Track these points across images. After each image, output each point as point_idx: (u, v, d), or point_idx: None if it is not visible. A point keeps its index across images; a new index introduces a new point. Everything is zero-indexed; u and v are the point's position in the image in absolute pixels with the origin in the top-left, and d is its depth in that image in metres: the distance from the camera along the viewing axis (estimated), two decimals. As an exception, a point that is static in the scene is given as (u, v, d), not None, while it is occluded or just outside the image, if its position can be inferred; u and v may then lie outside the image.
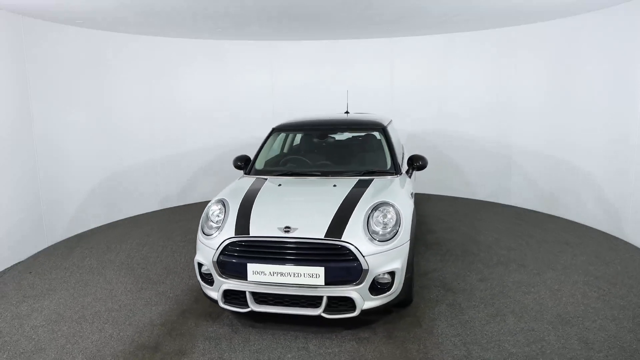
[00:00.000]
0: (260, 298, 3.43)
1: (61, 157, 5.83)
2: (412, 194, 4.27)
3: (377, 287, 3.34)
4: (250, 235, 3.40)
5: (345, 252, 3.27)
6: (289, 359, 3.18)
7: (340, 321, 3.58)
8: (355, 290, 3.26)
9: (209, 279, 3.56)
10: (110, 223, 6.58)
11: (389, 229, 3.43)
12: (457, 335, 3.41)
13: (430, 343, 3.32)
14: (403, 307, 3.80)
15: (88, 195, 6.28)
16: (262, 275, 3.31)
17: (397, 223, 3.47)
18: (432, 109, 7.54)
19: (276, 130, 5.07)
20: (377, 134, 4.92)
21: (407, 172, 4.56)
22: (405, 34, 7.26)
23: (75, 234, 6.08)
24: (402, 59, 7.65)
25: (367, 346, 3.31)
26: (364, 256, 3.24)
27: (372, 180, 4.12)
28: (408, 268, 3.50)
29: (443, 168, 7.46)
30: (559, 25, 6.07)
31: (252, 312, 3.41)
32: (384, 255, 3.30)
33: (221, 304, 3.48)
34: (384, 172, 4.35)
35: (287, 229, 3.36)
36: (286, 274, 3.28)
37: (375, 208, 3.53)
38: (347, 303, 3.31)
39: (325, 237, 3.29)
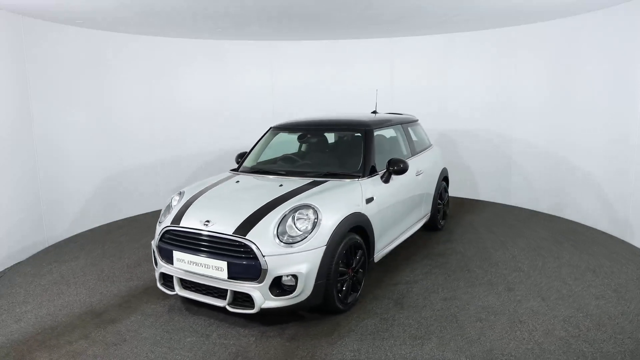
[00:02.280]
0: (185, 284, 3.68)
1: (61, 157, 5.83)
2: (371, 199, 4.07)
3: (281, 288, 3.38)
4: (180, 225, 3.68)
5: (247, 249, 3.36)
6: (187, 342, 3.39)
7: (259, 316, 3.64)
8: (257, 288, 3.35)
9: (156, 262, 3.91)
10: (110, 223, 6.58)
11: (299, 232, 3.44)
12: (354, 351, 3.23)
13: (321, 352, 3.22)
14: (333, 313, 3.71)
15: (88, 195, 6.28)
16: (182, 263, 3.60)
17: (312, 227, 3.46)
18: (432, 109, 7.53)
19: (273, 129, 5.12)
20: (360, 136, 4.63)
21: (382, 176, 4.36)
22: (405, 34, 7.26)
23: (75, 234, 6.08)
24: (402, 59, 7.65)
25: (262, 344, 3.35)
26: (264, 256, 3.32)
27: (325, 182, 4.08)
28: (322, 274, 3.43)
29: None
30: (559, 25, 6.07)
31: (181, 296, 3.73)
32: (286, 258, 3.34)
33: (158, 285, 3.85)
34: (348, 175, 4.20)
35: (207, 222, 3.57)
36: (199, 264, 3.52)
37: (295, 210, 3.54)
38: (250, 299, 3.40)
39: (232, 233, 3.42)
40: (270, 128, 5.17)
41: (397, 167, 4.34)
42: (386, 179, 4.38)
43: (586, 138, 5.86)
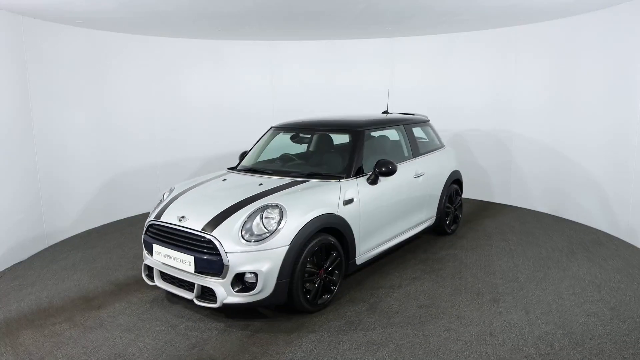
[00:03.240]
0: (164, 276, 3.84)
1: (61, 157, 5.83)
2: (351, 200, 4.02)
3: (243, 285, 3.47)
4: (160, 220, 3.86)
5: (212, 245, 3.47)
6: (154, 331, 3.56)
7: (231, 311, 3.78)
8: (220, 283, 3.45)
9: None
10: (110, 223, 6.58)
11: (263, 231, 3.49)
12: (307, 352, 3.25)
13: (274, 350, 3.27)
14: (302, 313, 3.73)
15: (88, 195, 6.28)
16: (160, 255, 3.79)
17: (276, 226, 3.50)
18: (433, 108, 7.52)
19: (274, 129, 5.14)
20: (352, 137, 4.58)
21: (368, 178, 4.29)
22: (406, 34, 7.26)
23: (76, 234, 6.09)
24: (402, 59, 7.65)
25: (222, 337, 3.45)
26: (226, 252, 3.41)
27: (306, 182, 4.10)
28: (285, 273, 3.47)
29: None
30: (560, 25, 6.07)
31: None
32: (248, 255, 3.41)
33: (143, 275, 4.03)
34: (331, 176, 4.19)
35: (182, 218, 3.72)
36: (172, 258, 3.68)
37: (262, 209, 3.60)
38: (214, 293, 3.50)
39: (200, 229, 3.54)
40: (271, 127, 5.19)
41: (383, 169, 4.24)
42: (372, 181, 4.29)
43: (586, 138, 5.84)
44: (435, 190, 5.33)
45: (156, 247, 3.80)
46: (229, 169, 4.87)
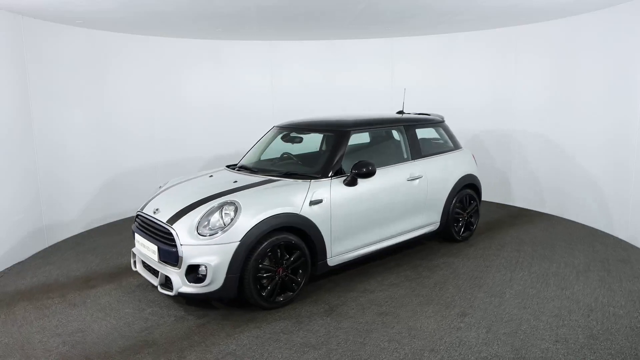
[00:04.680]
0: (145, 263, 4.08)
1: (61, 157, 5.83)
2: (319, 201, 4.03)
3: (196, 276, 3.65)
4: (143, 211, 4.19)
5: (171, 237, 3.72)
6: (123, 313, 3.90)
7: (195, 301, 4.01)
8: (176, 273, 3.68)
9: None
10: (110, 223, 6.58)
11: (216, 226, 3.66)
12: (241, 346, 3.33)
13: (211, 341, 3.42)
14: (259, 309, 3.84)
15: (88, 195, 6.28)
16: (138, 244, 4.15)
17: (230, 222, 3.65)
18: (433, 108, 7.52)
19: (276, 128, 5.16)
20: (335, 137, 4.55)
21: (345, 179, 4.23)
22: (406, 34, 7.26)
23: (76, 234, 6.09)
24: (402, 58, 7.65)
25: (172, 325, 3.68)
26: (181, 244, 3.63)
27: (277, 181, 4.19)
28: (234, 268, 3.60)
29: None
30: (560, 25, 6.07)
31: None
32: (200, 249, 3.61)
33: (131, 262, 4.32)
34: (306, 175, 4.22)
35: (156, 210, 4.01)
36: (145, 247, 4.00)
37: (221, 205, 3.77)
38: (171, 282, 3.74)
39: (165, 221, 3.81)
40: (274, 127, 5.22)
41: (359, 171, 4.18)
42: (349, 182, 4.24)
43: (586, 138, 5.85)
44: (439, 194, 5.09)
45: (137, 236, 4.14)
46: (227, 166, 4.96)
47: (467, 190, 5.40)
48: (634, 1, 5.02)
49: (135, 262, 4.22)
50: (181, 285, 3.65)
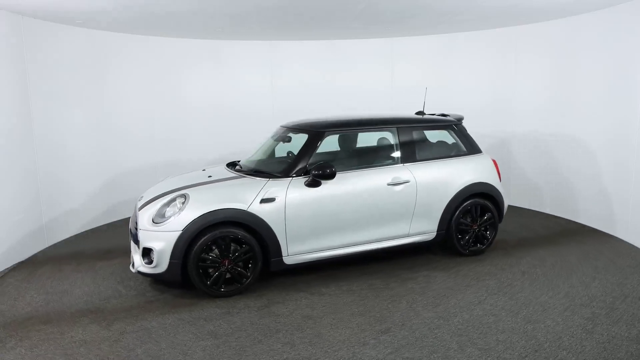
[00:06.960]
0: None
1: (61, 157, 5.83)
2: (271, 199, 4.11)
3: (148, 259, 4.02)
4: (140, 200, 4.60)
5: (136, 221, 4.21)
6: (103, 285, 4.43)
7: (170, 284, 4.34)
8: (138, 254, 4.12)
9: None
10: (110, 223, 6.59)
11: (169, 215, 4.03)
12: (156, 328, 3.61)
13: (137, 319, 3.75)
14: (202, 295, 4.11)
15: (88, 195, 6.28)
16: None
17: (176, 212, 4.00)
18: (433, 108, 7.52)
19: (284, 129, 5.15)
20: (308, 137, 4.55)
21: (306, 180, 4.25)
22: (406, 34, 7.26)
23: (76, 234, 6.09)
24: (402, 58, 7.65)
25: (123, 299, 4.12)
26: (139, 229, 4.10)
27: (239, 178, 4.41)
28: (176, 255, 3.92)
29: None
30: (560, 25, 6.07)
31: None
32: (151, 234, 4.01)
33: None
34: (270, 175, 4.36)
35: (141, 198, 4.57)
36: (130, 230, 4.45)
37: (176, 196, 4.15)
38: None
39: (139, 208, 4.31)
40: (280, 126, 5.28)
41: (317, 172, 4.20)
42: (310, 184, 4.25)
43: (586, 138, 5.84)
44: (434, 202, 4.71)
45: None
46: (227, 164, 5.09)
47: (477, 200, 4.90)
48: (634, 1, 5.03)
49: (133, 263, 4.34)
50: (140, 264, 4.08)
